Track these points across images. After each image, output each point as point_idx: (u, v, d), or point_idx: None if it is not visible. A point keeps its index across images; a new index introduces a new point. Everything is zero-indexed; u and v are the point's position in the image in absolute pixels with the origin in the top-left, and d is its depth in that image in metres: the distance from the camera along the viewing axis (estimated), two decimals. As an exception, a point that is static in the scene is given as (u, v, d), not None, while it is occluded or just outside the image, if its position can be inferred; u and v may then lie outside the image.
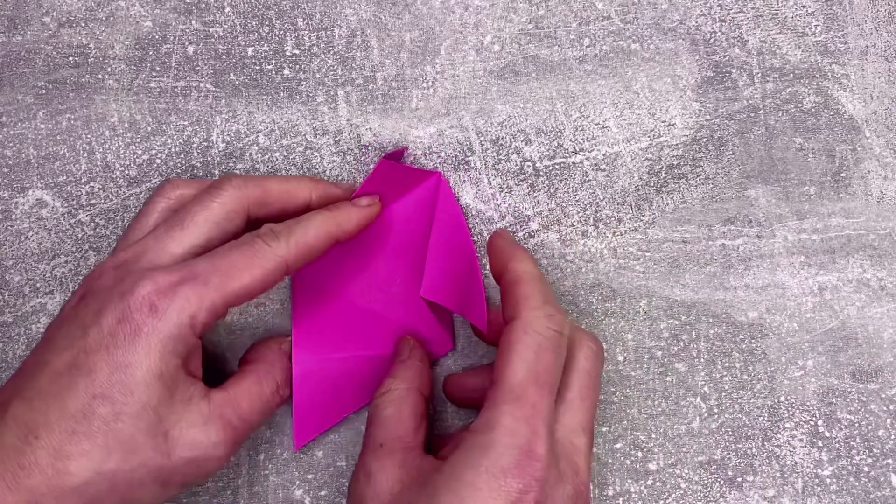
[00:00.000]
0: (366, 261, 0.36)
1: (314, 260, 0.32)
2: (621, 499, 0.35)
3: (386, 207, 0.36)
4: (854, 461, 0.36)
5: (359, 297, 0.36)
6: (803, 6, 0.40)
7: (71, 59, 0.39)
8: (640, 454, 0.36)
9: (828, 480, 0.36)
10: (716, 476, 0.36)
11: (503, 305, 0.30)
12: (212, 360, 0.36)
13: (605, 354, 0.37)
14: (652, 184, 0.38)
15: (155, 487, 0.28)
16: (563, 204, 0.38)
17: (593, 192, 0.38)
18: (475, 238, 0.37)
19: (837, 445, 0.36)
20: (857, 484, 0.36)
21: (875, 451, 0.36)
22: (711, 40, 0.39)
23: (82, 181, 0.38)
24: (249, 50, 0.39)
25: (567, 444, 0.29)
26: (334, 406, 0.35)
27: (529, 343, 0.28)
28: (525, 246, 0.37)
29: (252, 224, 0.33)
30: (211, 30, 0.39)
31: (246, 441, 0.34)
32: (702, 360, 0.37)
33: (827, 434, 0.36)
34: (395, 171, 0.37)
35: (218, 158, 0.38)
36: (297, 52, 0.39)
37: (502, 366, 0.28)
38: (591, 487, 0.35)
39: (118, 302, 0.28)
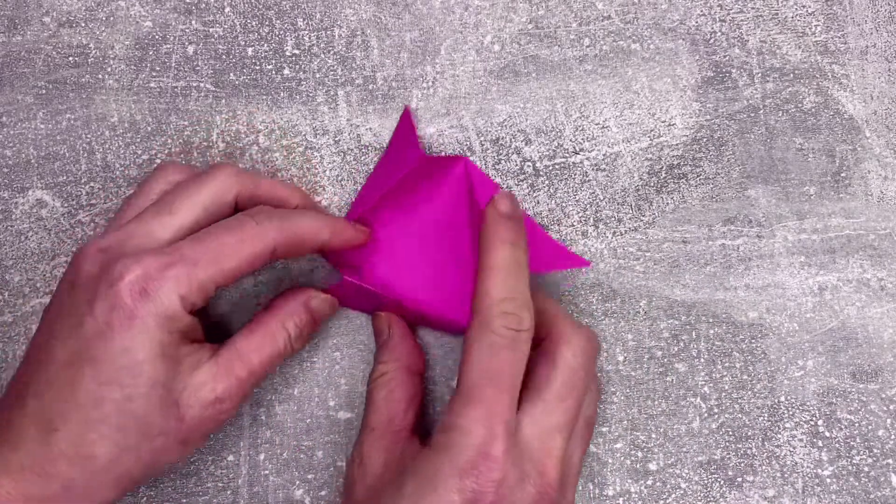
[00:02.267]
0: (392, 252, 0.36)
1: (300, 255, 0.32)
2: (621, 499, 0.35)
3: (412, 204, 0.36)
4: (854, 461, 0.36)
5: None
6: (803, 6, 0.40)
7: (71, 59, 0.39)
8: (640, 454, 0.36)
9: (828, 480, 0.36)
10: (716, 476, 0.36)
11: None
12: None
13: (605, 354, 0.37)
14: (652, 184, 0.38)
15: (177, 447, 0.29)
16: (563, 204, 0.38)
17: (593, 192, 0.38)
18: None
19: (837, 445, 0.36)
20: (857, 484, 0.36)
21: (875, 451, 0.36)
22: (711, 40, 0.39)
23: (82, 181, 0.38)
24: (249, 50, 0.39)
25: (536, 444, 0.28)
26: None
27: (484, 342, 0.28)
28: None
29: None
30: (211, 30, 0.39)
31: (255, 389, 0.35)
32: (702, 360, 0.37)
33: (827, 434, 0.36)
34: (419, 162, 0.36)
35: (218, 158, 0.38)
36: (297, 52, 0.39)
37: (461, 365, 0.29)
38: (592, 487, 0.35)
39: (107, 289, 0.28)
